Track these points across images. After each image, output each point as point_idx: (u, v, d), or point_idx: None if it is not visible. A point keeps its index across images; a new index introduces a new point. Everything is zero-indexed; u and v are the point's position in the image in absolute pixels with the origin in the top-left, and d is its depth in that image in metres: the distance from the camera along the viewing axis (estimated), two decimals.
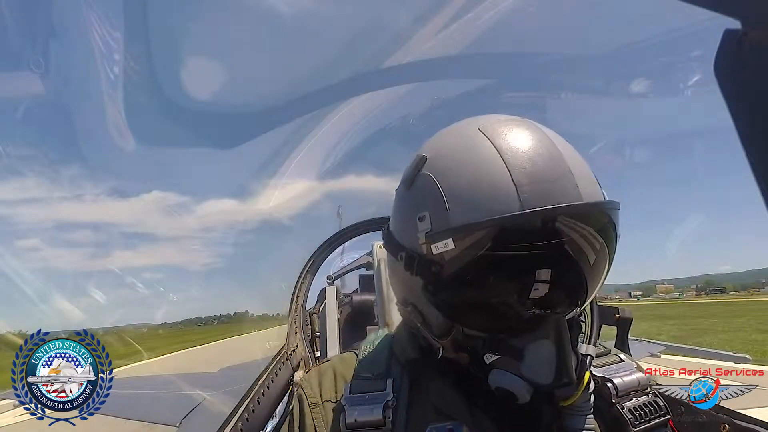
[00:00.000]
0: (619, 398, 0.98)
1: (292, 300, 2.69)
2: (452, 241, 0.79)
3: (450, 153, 0.87)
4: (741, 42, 0.45)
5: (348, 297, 3.22)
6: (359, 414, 0.89)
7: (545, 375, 0.80)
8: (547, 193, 0.77)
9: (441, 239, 0.80)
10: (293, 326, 2.57)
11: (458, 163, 0.84)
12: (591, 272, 0.85)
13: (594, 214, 0.81)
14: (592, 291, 0.88)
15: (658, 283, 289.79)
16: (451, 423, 0.87)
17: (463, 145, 0.86)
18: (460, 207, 0.80)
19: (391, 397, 0.90)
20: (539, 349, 0.81)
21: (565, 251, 0.79)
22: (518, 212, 0.75)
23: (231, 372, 7.76)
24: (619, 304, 18.21)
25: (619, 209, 0.84)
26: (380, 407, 0.89)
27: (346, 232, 2.88)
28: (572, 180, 0.79)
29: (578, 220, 0.79)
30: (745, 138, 0.45)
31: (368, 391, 0.93)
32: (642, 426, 0.95)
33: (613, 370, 1.02)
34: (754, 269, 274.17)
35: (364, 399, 0.91)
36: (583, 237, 0.80)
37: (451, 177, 0.83)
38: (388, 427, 0.88)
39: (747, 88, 0.46)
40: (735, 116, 0.46)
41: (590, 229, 0.80)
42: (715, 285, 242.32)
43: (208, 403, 4.50)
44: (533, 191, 0.77)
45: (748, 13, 0.45)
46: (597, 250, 0.83)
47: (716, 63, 0.47)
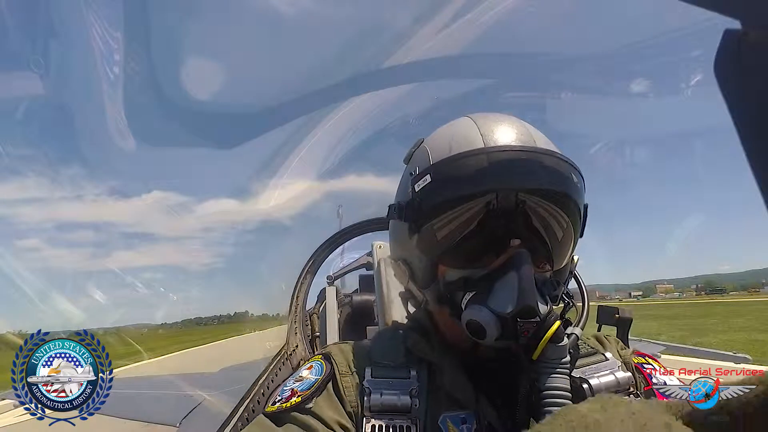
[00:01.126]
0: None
1: (292, 300, 2.70)
2: (429, 176, 0.95)
3: (440, 131, 1.05)
4: (741, 42, 0.45)
5: (348, 297, 3.22)
6: (385, 398, 0.92)
7: (506, 302, 0.86)
8: (504, 140, 0.94)
9: (421, 177, 0.96)
10: (293, 326, 2.57)
11: (444, 134, 1.02)
12: (551, 220, 0.94)
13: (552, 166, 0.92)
14: (557, 243, 0.96)
15: (658, 283, 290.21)
16: (464, 412, 0.92)
17: (451, 125, 1.04)
18: (438, 154, 0.97)
19: (416, 386, 0.94)
20: (502, 280, 0.88)
21: (525, 195, 0.90)
22: (480, 148, 0.92)
23: (231, 372, 7.75)
24: (619, 304, 18.23)
25: (576, 169, 0.95)
26: (407, 394, 0.93)
27: (346, 232, 2.88)
28: (530, 137, 0.95)
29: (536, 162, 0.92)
30: (745, 138, 0.45)
31: (391, 377, 0.96)
32: None
33: (592, 370, 1.00)
34: (754, 269, 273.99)
35: (389, 384, 0.94)
36: (539, 183, 0.92)
37: (437, 142, 1.01)
38: (414, 413, 0.91)
39: (747, 89, 0.46)
40: (735, 116, 0.45)
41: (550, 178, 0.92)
42: (716, 285, 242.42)
43: (208, 403, 4.50)
44: (497, 140, 0.94)
45: (748, 13, 0.45)
46: (556, 201, 0.93)
47: (716, 63, 0.47)
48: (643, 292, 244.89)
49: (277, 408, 0.93)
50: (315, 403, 0.92)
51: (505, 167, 0.90)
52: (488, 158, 0.90)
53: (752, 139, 0.45)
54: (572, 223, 0.96)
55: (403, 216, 1.00)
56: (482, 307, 0.87)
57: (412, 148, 1.08)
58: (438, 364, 0.99)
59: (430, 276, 0.99)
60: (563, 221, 0.95)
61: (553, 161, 0.92)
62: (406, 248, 1.02)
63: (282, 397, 0.96)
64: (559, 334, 0.86)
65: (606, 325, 2.58)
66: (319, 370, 0.99)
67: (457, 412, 0.92)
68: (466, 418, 0.91)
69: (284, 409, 0.92)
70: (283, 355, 2.43)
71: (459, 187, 0.92)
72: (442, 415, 0.92)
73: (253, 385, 2.22)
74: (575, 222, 0.97)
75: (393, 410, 0.91)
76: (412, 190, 0.97)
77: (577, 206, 0.95)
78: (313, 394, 0.93)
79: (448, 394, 0.95)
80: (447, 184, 0.93)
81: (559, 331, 0.86)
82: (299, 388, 0.96)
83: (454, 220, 0.93)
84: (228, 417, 2.04)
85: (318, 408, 0.91)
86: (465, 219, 0.92)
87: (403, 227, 1.01)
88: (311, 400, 0.92)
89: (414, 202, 0.97)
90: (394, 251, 1.12)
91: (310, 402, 0.92)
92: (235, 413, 2.02)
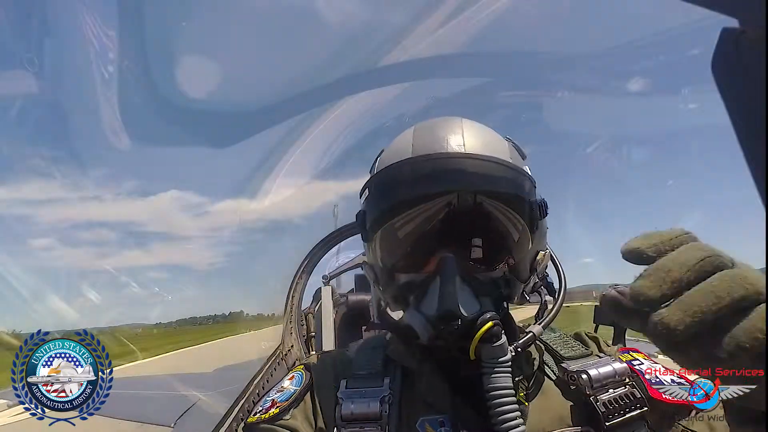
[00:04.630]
0: (594, 390, 0.96)
1: (288, 300, 2.69)
2: (368, 189, 1.01)
3: (390, 144, 1.06)
4: (739, 41, 0.44)
5: (343, 297, 3.21)
6: (356, 407, 0.93)
7: (431, 306, 0.89)
8: (430, 148, 0.94)
9: (364, 189, 1.03)
10: (288, 326, 2.57)
11: (391, 145, 1.05)
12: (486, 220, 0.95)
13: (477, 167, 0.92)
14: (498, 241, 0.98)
15: None
16: (442, 416, 0.93)
17: (400, 135, 1.05)
18: (379, 166, 1.02)
19: (388, 393, 0.95)
20: (434, 286, 0.91)
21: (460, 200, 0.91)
22: (408, 157, 0.95)
23: (226, 372, 7.75)
24: None
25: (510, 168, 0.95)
26: (377, 401, 0.93)
27: (341, 231, 2.87)
28: (460, 140, 0.95)
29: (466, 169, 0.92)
30: (742, 137, 0.44)
31: (365, 387, 0.97)
32: (616, 419, 0.93)
33: (590, 364, 1.01)
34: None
35: (361, 393, 0.96)
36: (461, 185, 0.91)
37: (384, 154, 1.04)
38: (385, 420, 0.91)
39: (745, 87, 0.45)
40: (733, 115, 0.45)
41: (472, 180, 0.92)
42: None
43: (202, 403, 4.49)
44: (424, 147, 0.95)
45: (745, 11, 0.45)
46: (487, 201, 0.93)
47: (714, 62, 0.47)
48: None
49: (257, 419, 0.97)
50: (291, 415, 0.96)
51: (428, 175, 0.92)
52: (411, 167, 0.94)
53: (750, 138, 0.44)
54: (513, 220, 0.96)
55: (359, 223, 1.06)
56: (415, 311, 0.92)
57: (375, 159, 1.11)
58: (417, 369, 1.01)
59: (386, 279, 1.05)
60: (500, 219, 0.96)
61: (477, 163, 0.93)
62: (368, 253, 1.09)
63: (263, 408, 1.00)
64: (495, 333, 0.87)
65: (603, 324, 2.58)
66: (299, 380, 1.03)
67: (436, 415, 0.94)
68: (444, 421, 0.93)
69: (263, 420, 0.96)
70: (278, 355, 2.42)
71: (387, 199, 0.98)
72: (420, 419, 0.93)
73: (248, 386, 2.21)
74: (516, 218, 0.96)
75: (363, 419, 0.92)
76: (362, 201, 1.05)
77: (516, 202, 0.96)
78: (290, 406, 0.97)
79: (424, 399, 0.96)
80: (379, 197, 1.00)
81: (494, 331, 0.87)
82: (279, 399, 1.00)
83: (395, 229, 0.98)
84: (223, 417, 2.03)
85: (293, 420, 0.95)
86: (402, 227, 0.97)
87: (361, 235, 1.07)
88: (288, 411, 0.96)
89: (363, 213, 1.04)
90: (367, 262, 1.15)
91: (287, 414, 0.96)
92: (230, 414, 2.02)
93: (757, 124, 0.44)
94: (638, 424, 0.95)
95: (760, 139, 0.43)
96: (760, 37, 0.43)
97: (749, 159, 0.44)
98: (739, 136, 0.45)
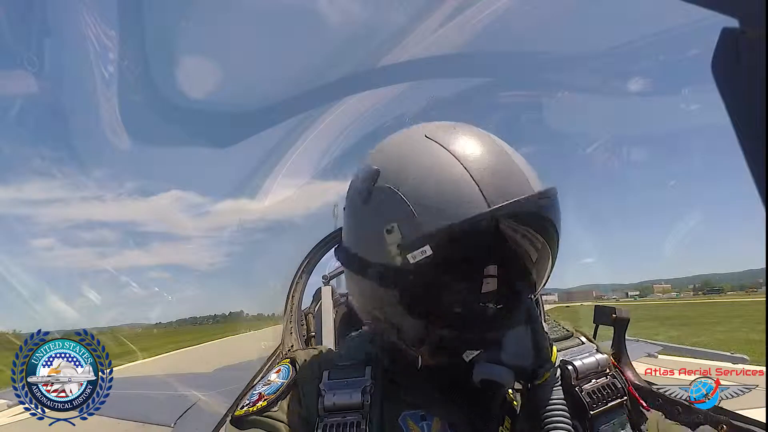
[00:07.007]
0: (578, 380, 1.00)
1: (288, 300, 2.69)
2: (429, 248, 0.83)
3: (404, 162, 0.91)
4: (739, 41, 0.44)
5: (343, 297, 3.21)
6: (337, 398, 0.93)
7: (526, 358, 0.87)
8: (505, 188, 0.85)
9: (417, 247, 0.84)
10: (288, 326, 2.57)
11: (416, 170, 0.89)
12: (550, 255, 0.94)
13: (547, 205, 0.89)
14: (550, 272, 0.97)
15: (656, 283, 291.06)
16: (424, 410, 0.95)
17: (415, 153, 0.92)
18: (429, 213, 0.85)
19: (370, 383, 0.95)
20: (518, 336, 0.87)
21: (526, 240, 0.89)
22: (488, 209, 0.83)
23: (225, 372, 7.76)
24: (616, 304, 18.20)
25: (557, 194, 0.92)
26: (359, 391, 0.93)
27: (341, 231, 2.87)
28: (523, 175, 0.89)
29: (537, 213, 0.88)
30: (742, 137, 0.44)
31: (346, 377, 0.97)
32: (600, 408, 0.99)
33: (574, 352, 1.06)
34: (751, 269, 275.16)
35: (343, 384, 0.96)
36: (541, 225, 0.90)
37: (412, 185, 0.88)
38: (366, 409, 0.92)
39: (745, 87, 0.45)
40: (733, 115, 0.45)
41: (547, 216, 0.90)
42: (713, 285, 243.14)
43: (202, 403, 4.50)
44: (495, 187, 0.84)
45: (746, 11, 0.45)
46: (552, 236, 0.92)
47: (714, 62, 0.47)
48: (641, 292, 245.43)
49: (245, 412, 0.97)
50: (279, 407, 0.96)
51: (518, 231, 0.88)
52: (498, 225, 0.84)
53: (750, 138, 0.44)
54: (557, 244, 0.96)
55: (389, 284, 0.90)
56: (498, 366, 0.87)
57: (366, 182, 0.94)
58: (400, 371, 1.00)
59: (423, 335, 0.92)
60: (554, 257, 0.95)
61: (554, 203, 0.91)
62: (390, 311, 0.93)
63: (250, 401, 0.99)
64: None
65: (603, 325, 2.57)
66: (286, 374, 1.02)
67: (417, 410, 0.95)
68: (426, 415, 0.94)
69: (250, 413, 0.96)
70: (278, 355, 2.42)
71: (469, 262, 0.88)
72: (402, 413, 0.94)
73: (248, 386, 2.21)
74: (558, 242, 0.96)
75: (345, 408, 0.92)
76: (401, 259, 0.86)
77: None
78: (278, 398, 0.97)
79: (405, 392, 0.97)
80: (453, 262, 0.85)
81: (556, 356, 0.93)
82: (266, 392, 0.99)
83: (458, 286, 0.90)
84: (223, 417, 2.03)
85: (281, 412, 0.95)
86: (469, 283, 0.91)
87: (383, 290, 0.92)
88: (276, 404, 0.96)
89: (406, 273, 0.86)
90: (366, 310, 1.02)
91: (275, 406, 0.96)
92: (230, 414, 2.02)
93: (757, 124, 0.44)
94: (619, 412, 1.01)
95: (760, 139, 0.43)
96: (760, 37, 0.43)
97: (749, 159, 0.44)
98: (739, 136, 0.44)
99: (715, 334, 25.53)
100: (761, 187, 0.43)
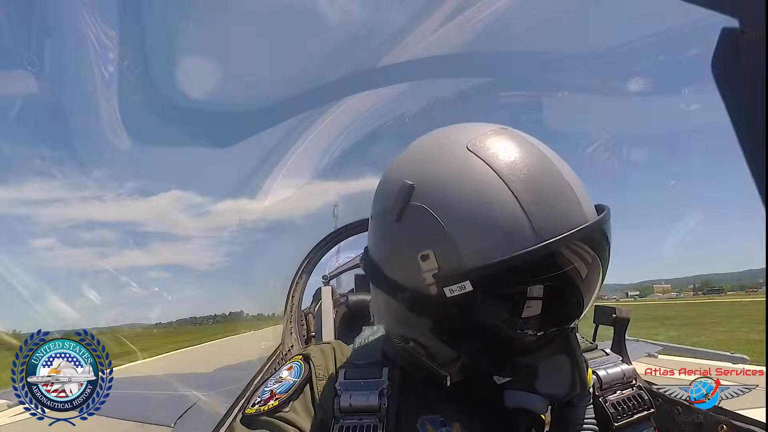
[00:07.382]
0: (603, 391, 0.97)
1: (288, 300, 2.70)
2: (470, 283, 0.75)
3: (443, 180, 0.82)
4: (739, 41, 0.44)
5: (343, 297, 3.22)
6: (354, 399, 0.91)
7: (563, 387, 0.83)
8: (556, 218, 0.76)
9: (456, 282, 0.76)
10: (288, 326, 2.57)
11: (457, 194, 0.79)
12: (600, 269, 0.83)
13: (597, 233, 0.80)
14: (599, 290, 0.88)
15: (656, 282, 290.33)
16: (442, 416, 0.92)
17: (455, 170, 0.81)
18: (471, 246, 0.77)
19: (387, 385, 0.93)
20: (556, 364, 0.83)
21: (575, 272, 0.79)
22: (537, 245, 0.74)
23: (226, 372, 7.76)
24: (616, 303, 18.11)
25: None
26: (376, 393, 0.91)
27: (341, 231, 2.88)
28: (574, 197, 0.79)
29: (588, 244, 0.78)
30: (742, 137, 0.44)
31: (363, 378, 0.95)
32: (624, 420, 0.95)
33: (598, 363, 1.02)
34: (751, 269, 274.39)
35: (359, 385, 0.93)
36: (594, 256, 0.80)
37: (451, 210, 0.79)
38: (383, 413, 0.90)
39: (745, 87, 0.45)
40: (732, 115, 0.45)
41: (601, 246, 0.81)
42: (713, 285, 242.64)
43: (202, 403, 4.50)
44: (545, 218, 0.75)
45: (746, 11, 0.45)
46: (603, 263, 0.83)
47: (714, 62, 0.46)
48: (641, 292, 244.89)
49: (255, 411, 0.93)
50: (291, 407, 0.92)
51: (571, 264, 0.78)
52: (552, 259, 0.76)
53: (750, 138, 0.44)
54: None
55: (421, 312, 0.84)
56: (531, 394, 0.84)
57: (400, 198, 0.84)
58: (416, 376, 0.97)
59: (455, 359, 0.88)
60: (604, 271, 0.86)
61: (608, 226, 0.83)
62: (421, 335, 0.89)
63: (261, 399, 0.96)
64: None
65: (603, 324, 2.57)
66: (298, 371, 0.99)
67: (436, 415, 0.92)
68: (446, 421, 0.92)
69: (261, 412, 0.92)
70: (279, 355, 2.42)
71: (511, 298, 0.79)
72: (421, 418, 0.92)
73: (248, 386, 2.21)
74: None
75: (362, 410, 0.90)
76: (436, 288, 0.79)
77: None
78: (290, 398, 0.93)
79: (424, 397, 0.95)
80: (496, 298, 0.79)
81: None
82: (278, 390, 0.95)
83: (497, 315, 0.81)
84: (223, 417, 2.03)
85: (294, 413, 0.92)
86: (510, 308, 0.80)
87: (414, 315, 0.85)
88: (288, 404, 0.92)
89: (443, 307, 0.80)
90: (394, 329, 0.96)
91: (287, 406, 0.92)
92: (230, 414, 2.02)
93: (757, 124, 0.44)
94: (645, 425, 0.97)
95: (760, 139, 0.43)
96: (760, 37, 0.43)
97: (749, 159, 0.43)
98: (739, 136, 0.44)
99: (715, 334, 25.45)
100: (761, 187, 0.43)
